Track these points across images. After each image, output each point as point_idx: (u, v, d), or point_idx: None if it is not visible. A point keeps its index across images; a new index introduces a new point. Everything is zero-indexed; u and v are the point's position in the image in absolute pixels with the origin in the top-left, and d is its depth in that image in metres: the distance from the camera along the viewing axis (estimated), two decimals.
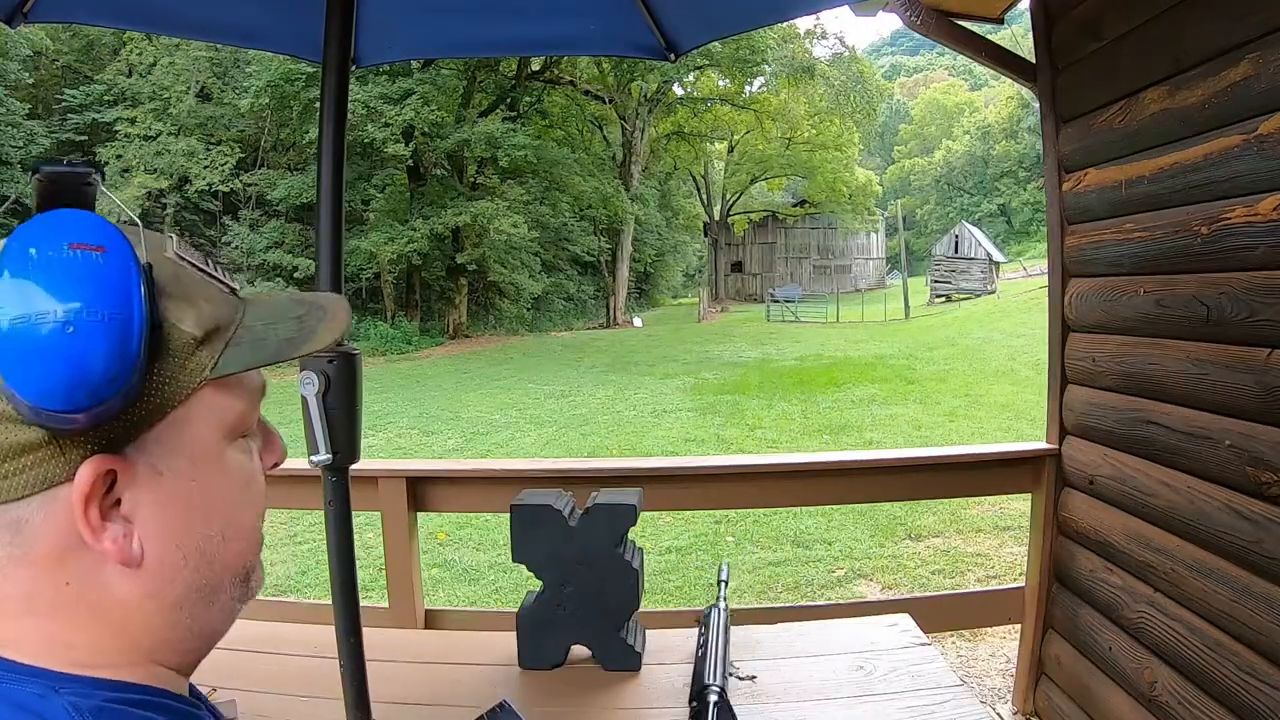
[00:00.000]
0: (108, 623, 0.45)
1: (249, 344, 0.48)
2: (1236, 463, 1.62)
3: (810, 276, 43.41)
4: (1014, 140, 52.45)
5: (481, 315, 26.51)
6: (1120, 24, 1.94)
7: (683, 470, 2.51)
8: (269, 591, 4.29)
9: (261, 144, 25.19)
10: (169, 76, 23.12)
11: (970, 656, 3.08)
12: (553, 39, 2.36)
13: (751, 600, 4.16)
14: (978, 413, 9.35)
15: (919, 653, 1.36)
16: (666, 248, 37.98)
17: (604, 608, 1.34)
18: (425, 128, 21.61)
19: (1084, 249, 2.20)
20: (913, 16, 2.36)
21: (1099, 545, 2.14)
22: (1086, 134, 2.15)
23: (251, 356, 0.48)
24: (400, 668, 1.38)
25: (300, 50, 1.82)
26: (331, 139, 1.32)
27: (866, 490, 2.70)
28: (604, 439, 8.85)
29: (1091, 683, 2.16)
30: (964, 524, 5.12)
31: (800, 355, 16.79)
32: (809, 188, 35.75)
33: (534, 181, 24.55)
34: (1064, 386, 2.35)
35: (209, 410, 0.47)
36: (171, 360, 0.45)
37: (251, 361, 0.48)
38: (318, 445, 1.35)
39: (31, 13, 1.53)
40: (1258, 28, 1.50)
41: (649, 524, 5.21)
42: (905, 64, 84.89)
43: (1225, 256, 1.64)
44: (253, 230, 24.33)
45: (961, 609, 2.70)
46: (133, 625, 0.46)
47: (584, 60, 25.71)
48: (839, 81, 31.38)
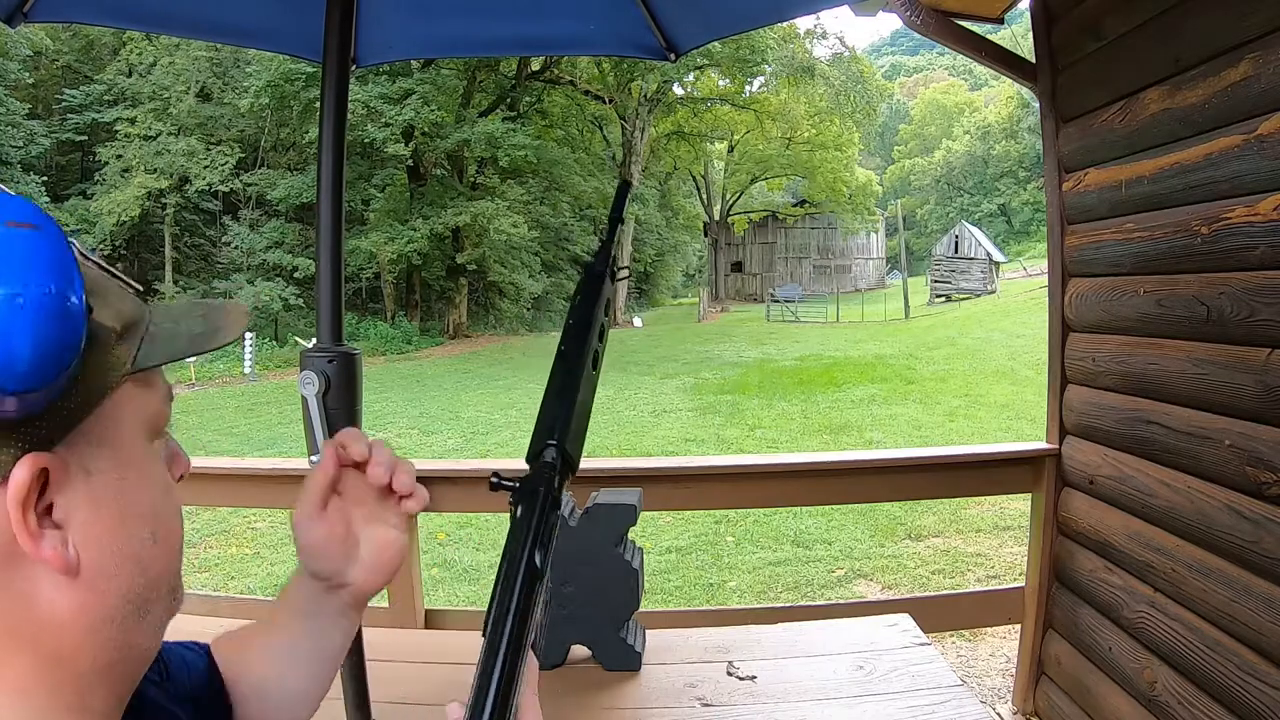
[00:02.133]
0: (38, 647, 0.42)
1: (162, 340, 0.48)
2: (1236, 463, 1.62)
3: (810, 276, 43.40)
4: (1014, 140, 52.44)
5: (481, 315, 26.51)
6: (1120, 24, 1.94)
7: (683, 470, 2.51)
8: (270, 591, 4.29)
9: (261, 144, 25.19)
10: (169, 76, 23.13)
11: (970, 656, 3.08)
12: (553, 39, 2.35)
13: (751, 600, 4.16)
14: (978, 413, 9.35)
15: (919, 653, 1.36)
16: (666, 248, 37.97)
17: (604, 608, 1.34)
18: (425, 128, 21.62)
19: (1084, 249, 2.20)
20: (913, 16, 2.36)
21: (1099, 545, 2.14)
22: (1086, 134, 2.15)
23: (166, 351, 0.48)
24: (400, 668, 1.38)
25: (300, 50, 1.82)
26: (331, 139, 1.32)
27: (866, 490, 2.70)
28: (604, 439, 8.84)
29: (1091, 683, 2.16)
30: (964, 524, 5.12)
31: (800, 355, 16.79)
32: (809, 188, 35.72)
33: (534, 181, 24.55)
34: (1064, 386, 2.35)
35: (131, 406, 0.46)
36: (97, 351, 0.43)
37: (167, 355, 0.48)
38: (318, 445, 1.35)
39: (31, 12, 1.53)
40: (1258, 28, 1.50)
41: (649, 524, 5.21)
42: (905, 64, 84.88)
43: (1225, 256, 1.64)
44: (253, 230, 24.33)
45: (961, 609, 2.70)
46: (65, 648, 0.42)
47: (584, 60, 25.71)
48: (839, 81, 31.37)
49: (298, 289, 22.63)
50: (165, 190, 22.90)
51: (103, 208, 21.84)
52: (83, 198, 23.00)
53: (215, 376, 16.87)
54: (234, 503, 3.81)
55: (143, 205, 22.13)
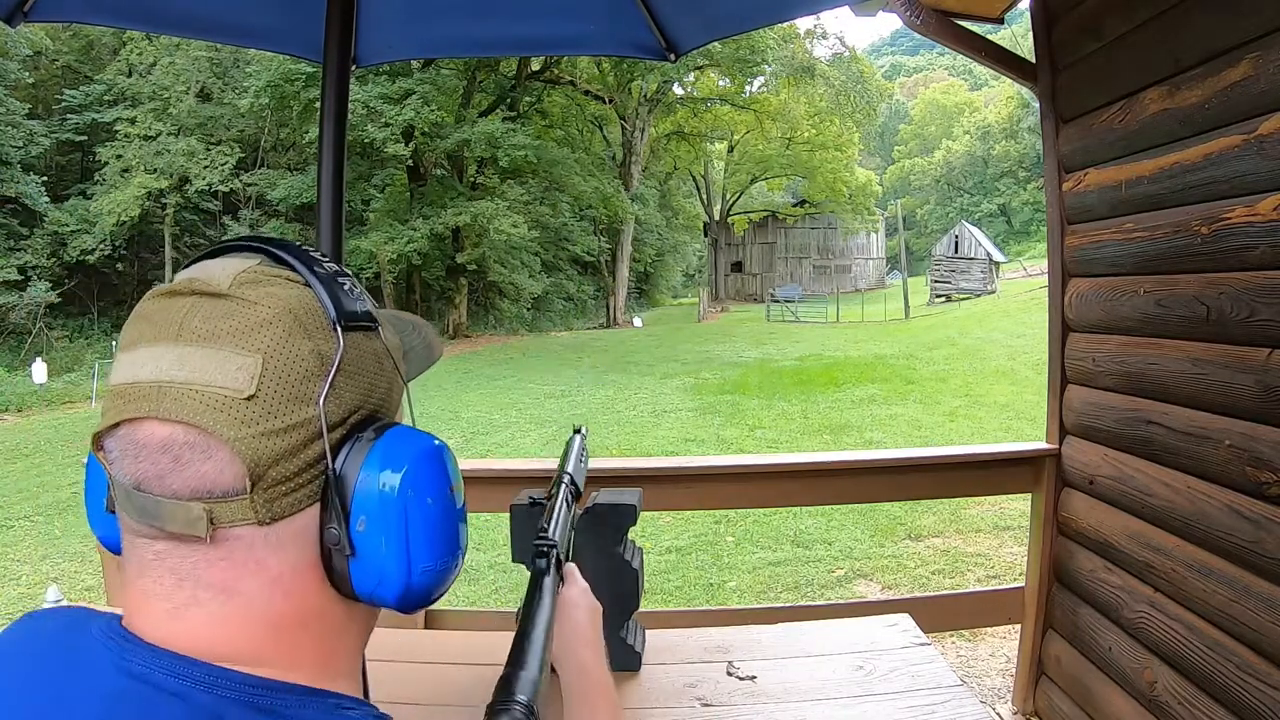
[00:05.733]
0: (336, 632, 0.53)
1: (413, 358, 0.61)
2: (1236, 463, 1.62)
3: (810, 276, 43.40)
4: (1014, 140, 52.45)
5: (481, 315, 26.52)
6: (1120, 24, 1.94)
7: (683, 470, 2.50)
8: None
9: (261, 144, 25.20)
10: (169, 76, 23.12)
11: (970, 656, 3.08)
12: (553, 39, 2.35)
13: (751, 600, 4.16)
14: (978, 413, 9.34)
15: (919, 653, 1.36)
16: (666, 248, 37.98)
17: (604, 608, 1.33)
18: (425, 128, 21.60)
19: (1084, 249, 2.20)
20: (913, 16, 2.36)
21: (1099, 545, 2.14)
22: (1086, 134, 2.15)
23: (417, 368, 0.62)
24: (400, 668, 1.37)
25: (301, 50, 1.82)
26: (332, 139, 1.32)
27: (866, 490, 2.70)
28: (604, 439, 8.84)
29: (1091, 683, 2.16)
30: (964, 524, 5.12)
31: (800, 355, 16.78)
32: (809, 188, 35.72)
33: (534, 181, 24.53)
34: (1064, 386, 2.35)
35: None
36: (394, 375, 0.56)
37: (417, 371, 0.62)
38: None
39: (32, 11, 1.53)
40: (1258, 28, 1.50)
41: (649, 524, 5.21)
42: (905, 64, 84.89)
43: (1225, 256, 1.64)
44: (253, 230, 24.32)
45: (961, 609, 2.70)
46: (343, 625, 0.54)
47: (584, 60, 25.71)
48: (839, 81, 31.36)
49: None
50: (165, 190, 22.90)
51: (103, 208, 21.83)
52: (83, 198, 22.99)
53: None
54: None
55: (143, 205, 22.12)
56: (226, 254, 0.51)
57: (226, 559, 0.46)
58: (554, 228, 27.03)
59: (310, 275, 0.50)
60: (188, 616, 0.46)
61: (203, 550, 0.46)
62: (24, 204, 21.69)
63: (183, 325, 0.46)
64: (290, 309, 0.48)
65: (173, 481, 0.45)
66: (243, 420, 0.45)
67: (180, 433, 0.45)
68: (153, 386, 0.45)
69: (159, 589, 0.47)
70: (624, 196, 27.02)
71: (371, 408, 0.52)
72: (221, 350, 0.46)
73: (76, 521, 5.86)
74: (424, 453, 0.51)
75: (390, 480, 0.49)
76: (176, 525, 0.45)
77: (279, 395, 0.46)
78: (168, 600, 0.47)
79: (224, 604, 0.47)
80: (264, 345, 0.46)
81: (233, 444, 0.45)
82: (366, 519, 0.49)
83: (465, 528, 0.55)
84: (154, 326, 0.47)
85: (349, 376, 0.50)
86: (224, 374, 0.45)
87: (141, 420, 0.46)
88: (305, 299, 0.49)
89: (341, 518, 0.48)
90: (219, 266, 0.49)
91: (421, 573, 0.50)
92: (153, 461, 0.45)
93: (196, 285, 0.48)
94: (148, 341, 0.47)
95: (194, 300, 0.47)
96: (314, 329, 0.49)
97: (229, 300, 0.47)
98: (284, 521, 0.47)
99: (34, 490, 7.13)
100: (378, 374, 0.53)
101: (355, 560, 0.49)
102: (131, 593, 0.48)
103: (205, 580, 0.46)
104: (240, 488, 0.45)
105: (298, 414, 0.47)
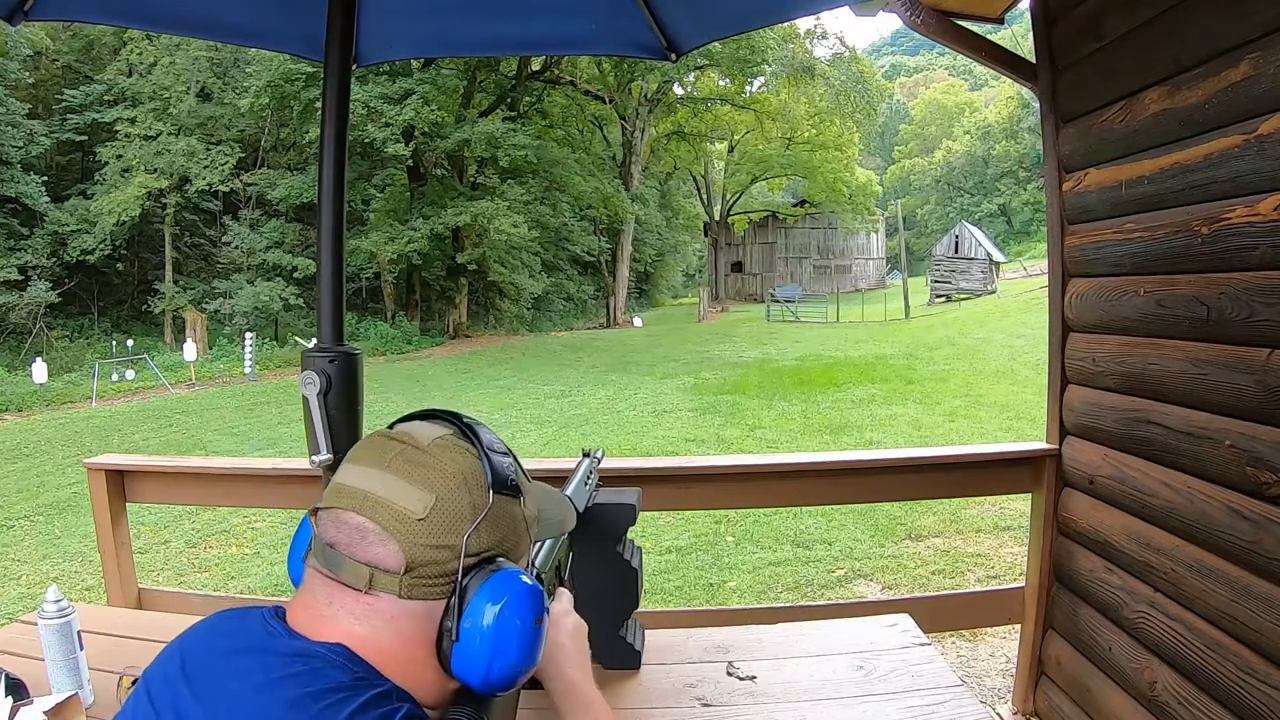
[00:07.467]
0: None
1: (545, 525, 0.85)
2: (1236, 463, 1.61)
3: (810, 276, 43.37)
4: (1014, 140, 52.41)
5: (481, 315, 26.52)
6: (1120, 24, 1.94)
7: (683, 470, 2.51)
8: (269, 591, 4.29)
9: (261, 144, 25.19)
10: (169, 76, 23.10)
11: (970, 656, 3.08)
12: (553, 39, 2.36)
13: (751, 600, 4.15)
14: (978, 413, 9.34)
15: (919, 653, 1.36)
16: (666, 248, 37.98)
17: (604, 608, 1.33)
18: (425, 128, 21.59)
19: (1084, 249, 2.20)
20: (913, 16, 2.36)
21: (1099, 545, 2.14)
22: (1086, 134, 2.15)
23: (546, 532, 0.87)
24: None
25: (301, 50, 1.82)
26: (332, 139, 1.32)
27: (866, 490, 2.70)
28: (604, 439, 8.84)
29: (1091, 683, 2.16)
30: (964, 524, 5.11)
31: (800, 355, 16.78)
32: (809, 188, 35.70)
33: (534, 181, 24.52)
34: (1064, 387, 2.35)
35: None
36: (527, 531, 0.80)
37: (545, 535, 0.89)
38: (319, 445, 1.35)
39: (32, 10, 1.53)
40: (1258, 28, 1.50)
41: (649, 524, 5.21)
42: (905, 64, 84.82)
43: (1225, 256, 1.63)
44: (253, 230, 24.33)
45: (961, 609, 2.70)
46: None
47: (584, 60, 25.70)
48: (839, 81, 31.32)
49: (298, 289, 22.63)
50: (165, 190, 22.89)
51: (103, 208, 21.82)
52: (83, 198, 22.98)
53: (215, 376, 16.88)
54: (234, 502, 3.80)
55: (143, 205, 22.12)
56: (431, 419, 0.77)
57: (370, 606, 0.68)
58: (554, 228, 27.02)
59: (481, 451, 0.74)
60: (334, 620, 0.69)
61: (357, 595, 0.68)
62: (24, 204, 21.68)
63: (390, 461, 0.71)
64: (462, 471, 0.72)
65: (356, 550, 0.68)
66: (412, 532, 0.68)
67: (371, 525, 0.68)
68: (361, 492, 0.69)
69: (316, 604, 0.69)
70: (624, 196, 27.01)
71: (501, 551, 0.74)
72: (411, 485, 0.69)
73: (76, 521, 5.86)
74: (522, 591, 0.72)
75: (495, 602, 0.70)
76: (348, 577, 0.68)
77: (440, 525, 0.69)
78: (320, 612, 0.69)
79: (356, 622, 0.68)
80: (440, 489, 0.70)
81: (401, 543, 0.67)
82: (472, 622, 0.69)
83: (541, 643, 0.74)
84: (371, 454, 0.72)
85: (490, 526, 0.72)
86: (409, 499, 0.68)
87: (348, 511, 0.69)
88: (474, 466, 0.73)
89: (456, 616, 0.69)
90: (423, 429, 0.75)
91: (500, 669, 0.70)
92: (347, 535, 0.69)
93: (405, 438, 0.73)
94: (366, 463, 0.71)
95: (402, 447, 0.72)
96: (475, 488, 0.72)
97: (424, 453, 0.72)
98: (418, 602, 0.68)
99: (34, 490, 7.12)
100: (511, 529, 0.75)
101: (457, 644, 0.69)
102: (295, 604, 0.71)
103: (351, 609, 0.68)
104: (397, 570, 0.67)
105: (448, 540, 0.69)
